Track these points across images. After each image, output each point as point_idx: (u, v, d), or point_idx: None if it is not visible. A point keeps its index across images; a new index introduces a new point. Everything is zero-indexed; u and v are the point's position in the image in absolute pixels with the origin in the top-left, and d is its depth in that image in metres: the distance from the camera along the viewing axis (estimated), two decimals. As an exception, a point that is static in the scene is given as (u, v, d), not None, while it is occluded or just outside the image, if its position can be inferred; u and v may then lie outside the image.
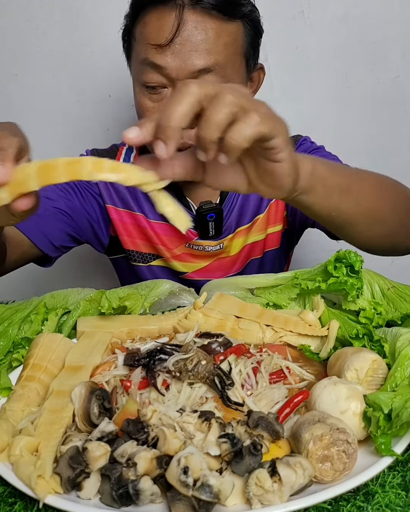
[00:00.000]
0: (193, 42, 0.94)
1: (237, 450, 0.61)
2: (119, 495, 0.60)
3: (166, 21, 0.94)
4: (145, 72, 0.99)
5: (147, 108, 1.02)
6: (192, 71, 0.96)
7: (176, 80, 0.97)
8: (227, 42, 0.97)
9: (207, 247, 1.23)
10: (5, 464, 0.66)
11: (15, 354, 0.88)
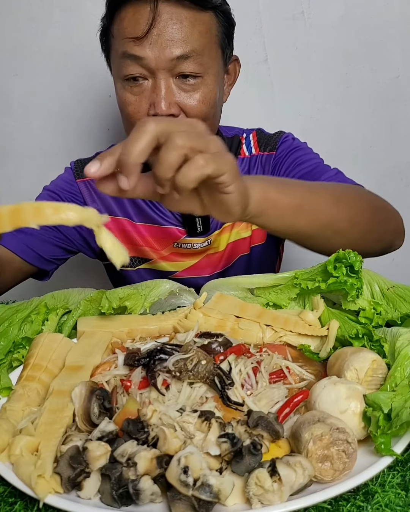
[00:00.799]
0: (169, 32, 0.97)
1: (236, 450, 0.61)
2: (120, 494, 0.60)
3: (141, 15, 0.97)
4: (125, 65, 1.01)
5: (130, 102, 1.03)
6: (170, 58, 0.98)
7: (155, 70, 0.99)
8: (202, 30, 1.00)
9: (195, 245, 1.24)
10: (5, 464, 0.66)
11: (15, 354, 0.88)
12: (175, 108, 1.01)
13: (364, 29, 1.60)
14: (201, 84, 1.02)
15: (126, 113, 1.05)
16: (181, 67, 0.99)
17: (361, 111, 1.69)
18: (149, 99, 1.01)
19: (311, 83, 1.64)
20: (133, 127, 1.04)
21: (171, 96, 1.00)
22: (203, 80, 1.02)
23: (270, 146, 1.25)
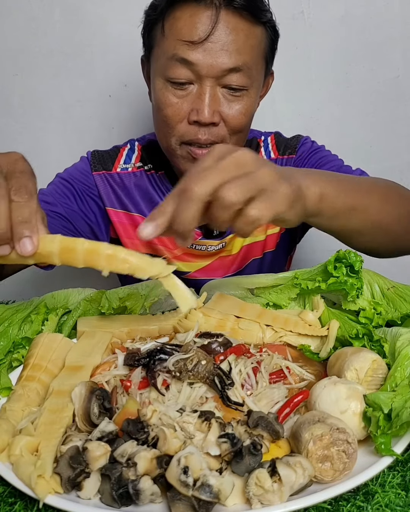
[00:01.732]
0: (225, 41, 0.96)
1: (236, 450, 0.61)
2: (119, 495, 0.60)
3: (199, 18, 0.95)
4: (173, 67, 0.99)
5: (170, 104, 1.01)
6: (222, 69, 0.97)
7: (204, 77, 0.98)
8: (254, 44, 1.00)
9: (209, 247, 1.23)
10: (5, 464, 0.66)
11: (15, 354, 0.88)
12: (218, 116, 1.00)
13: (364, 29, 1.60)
14: (246, 96, 1.02)
15: (164, 114, 1.03)
16: (230, 79, 0.98)
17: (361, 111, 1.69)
18: (192, 104, 1.00)
19: (311, 83, 1.64)
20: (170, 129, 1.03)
21: (215, 104, 1.00)
22: (248, 92, 1.02)
23: (289, 149, 1.25)
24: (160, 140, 1.11)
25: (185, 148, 1.05)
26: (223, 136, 1.03)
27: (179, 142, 1.05)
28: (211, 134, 1.01)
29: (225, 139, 1.04)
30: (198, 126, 1.01)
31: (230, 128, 1.03)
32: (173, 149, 1.07)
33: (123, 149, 1.28)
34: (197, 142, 1.03)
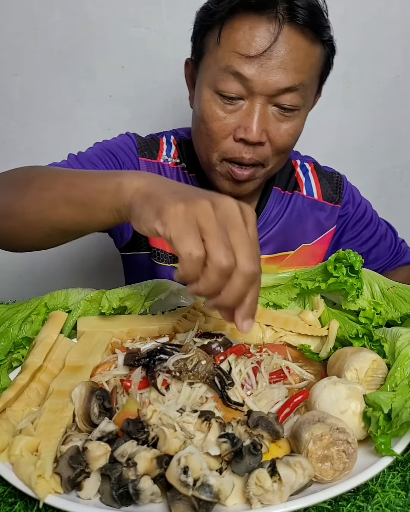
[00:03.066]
0: (284, 58, 0.91)
1: (236, 450, 0.61)
2: (119, 495, 0.60)
3: (259, 32, 0.90)
4: (225, 80, 0.94)
5: (217, 118, 0.96)
6: (277, 88, 0.92)
7: (257, 94, 0.93)
8: (312, 63, 0.96)
9: None
10: (5, 464, 0.66)
11: (15, 354, 0.88)
12: (265, 136, 0.96)
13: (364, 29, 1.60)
14: (296, 117, 0.98)
15: (210, 127, 0.98)
16: (283, 98, 0.94)
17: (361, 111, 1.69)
18: (240, 121, 0.95)
19: (311, 83, 1.64)
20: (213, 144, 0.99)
21: (264, 123, 0.95)
22: (299, 112, 0.98)
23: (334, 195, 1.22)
24: (200, 152, 1.07)
25: (226, 165, 1.01)
26: (267, 156, 1.00)
27: (221, 158, 1.01)
28: (256, 154, 0.98)
29: (268, 159, 1.01)
30: (244, 144, 0.97)
31: (275, 148, 0.99)
32: (213, 164, 1.03)
33: (161, 140, 1.22)
34: (240, 161, 0.99)
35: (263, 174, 1.04)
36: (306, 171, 1.24)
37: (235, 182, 1.03)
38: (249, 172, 1.00)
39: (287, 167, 1.21)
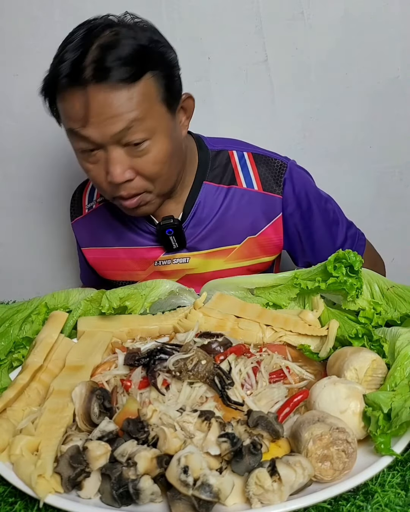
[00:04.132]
0: (104, 113, 0.98)
1: (236, 450, 0.61)
2: (120, 494, 0.60)
3: (74, 101, 0.98)
4: (75, 140, 1.04)
5: (89, 169, 1.07)
6: (113, 134, 0.99)
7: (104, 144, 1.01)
8: (139, 100, 0.99)
9: (175, 260, 1.23)
10: (5, 464, 0.66)
11: (16, 354, 0.88)
12: (130, 173, 1.03)
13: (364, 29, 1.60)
14: (151, 146, 1.03)
15: (89, 176, 1.09)
16: (127, 138, 1.00)
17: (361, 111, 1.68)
18: (105, 168, 1.04)
19: (311, 83, 1.63)
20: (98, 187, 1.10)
21: (124, 164, 1.02)
22: (152, 141, 1.03)
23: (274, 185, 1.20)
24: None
25: (117, 200, 1.10)
26: (143, 186, 1.06)
27: (110, 197, 1.10)
28: (131, 189, 1.05)
29: (148, 187, 1.07)
30: (115, 185, 1.05)
31: (147, 178, 1.06)
32: (112, 201, 1.13)
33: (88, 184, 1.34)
34: (122, 197, 1.07)
35: (155, 197, 1.11)
36: (244, 163, 1.22)
37: (131, 209, 1.11)
38: (135, 201, 1.08)
39: (221, 159, 1.22)
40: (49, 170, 1.72)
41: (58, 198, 1.72)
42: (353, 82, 1.64)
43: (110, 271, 1.30)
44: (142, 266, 1.26)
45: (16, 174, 1.73)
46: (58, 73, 0.99)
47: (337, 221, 1.25)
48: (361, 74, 1.64)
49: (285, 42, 1.58)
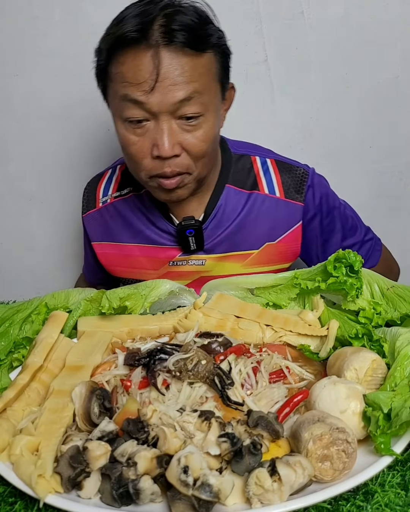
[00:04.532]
0: (171, 77, 0.97)
1: (236, 450, 0.61)
2: (120, 494, 0.60)
3: (141, 61, 0.97)
4: (126, 108, 1.01)
5: (133, 143, 1.04)
6: (173, 103, 0.98)
7: (158, 113, 0.99)
8: (202, 72, 1.00)
9: (190, 261, 1.23)
10: (5, 464, 0.66)
11: (16, 354, 0.88)
12: (178, 148, 1.02)
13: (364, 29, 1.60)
14: (203, 123, 1.03)
15: (129, 152, 1.06)
16: (183, 110, 0.99)
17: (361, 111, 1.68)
18: (153, 140, 1.02)
19: (311, 83, 1.63)
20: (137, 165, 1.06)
21: (174, 137, 1.01)
22: (205, 118, 1.03)
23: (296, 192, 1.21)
24: (132, 173, 1.15)
25: (155, 180, 1.08)
26: (188, 164, 1.05)
27: (149, 176, 1.08)
28: (176, 166, 1.04)
29: (190, 168, 1.06)
30: (161, 160, 1.03)
31: (193, 156, 1.05)
32: (145, 182, 1.10)
33: (103, 177, 1.32)
34: (164, 175, 1.05)
35: (193, 180, 1.10)
36: (267, 169, 1.24)
37: (167, 191, 1.09)
38: (175, 181, 1.06)
39: (244, 164, 1.23)
40: (49, 170, 1.72)
41: (58, 198, 1.72)
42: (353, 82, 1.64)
43: (120, 267, 1.30)
44: (156, 265, 1.26)
45: (16, 174, 1.73)
46: (124, 32, 0.96)
47: (355, 227, 1.26)
48: (361, 74, 1.64)
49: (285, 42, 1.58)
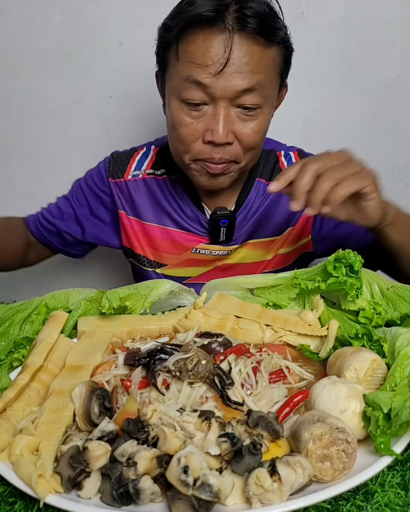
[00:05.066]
0: (238, 64, 0.96)
1: (236, 450, 0.61)
2: (120, 494, 0.60)
3: (212, 43, 0.95)
4: (187, 89, 1.00)
5: (186, 124, 1.03)
6: (236, 90, 0.98)
7: (219, 98, 0.99)
8: (268, 64, 1.00)
9: (214, 251, 1.24)
10: (5, 464, 0.66)
11: (16, 354, 0.88)
12: (232, 136, 1.02)
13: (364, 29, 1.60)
14: (259, 115, 1.03)
15: (179, 133, 1.04)
16: (244, 99, 0.99)
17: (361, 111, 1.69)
18: (207, 125, 1.01)
19: (311, 83, 1.64)
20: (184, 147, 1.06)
21: (229, 125, 1.01)
22: (261, 110, 1.03)
23: None
24: (174, 155, 1.13)
25: (200, 163, 1.07)
26: (237, 154, 1.05)
27: (194, 159, 1.07)
28: (225, 153, 1.03)
29: (239, 157, 1.06)
30: (212, 146, 1.02)
31: (244, 146, 1.04)
32: (187, 164, 1.09)
33: (138, 152, 1.29)
34: (211, 161, 1.05)
35: (237, 169, 1.09)
36: (290, 159, 1.26)
37: (210, 176, 1.08)
38: (222, 166, 1.06)
39: (271, 159, 1.25)
40: (49, 170, 1.72)
41: (58, 198, 1.72)
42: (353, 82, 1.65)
43: (140, 244, 1.29)
44: (177, 250, 1.26)
45: (16, 174, 1.73)
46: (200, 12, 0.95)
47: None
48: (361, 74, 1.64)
49: (285, 42, 1.58)
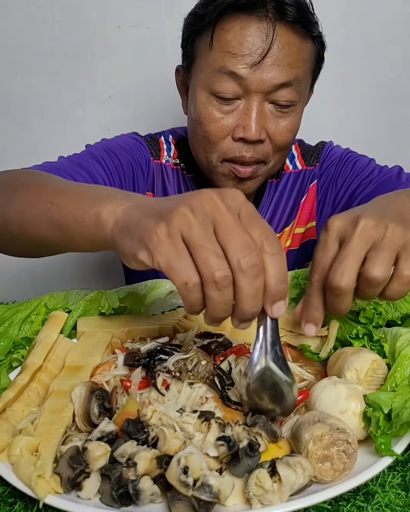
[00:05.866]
0: (277, 56, 0.91)
1: (233, 453, 0.61)
2: (119, 495, 0.60)
3: (250, 32, 0.90)
4: (220, 81, 0.94)
5: (214, 119, 0.96)
6: (273, 84, 0.93)
7: (253, 92, 0.93)
8: (306, 59, 0.96)
9: None
10: (5, 464, 0.66)
11: (15, 354, 0.88)
12: (264, 133, 0.97)
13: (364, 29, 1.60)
14: (293, 112, 0.98)
15: (207, 129, 0.98)
16: (279, 94, 0.94)
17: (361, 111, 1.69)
18: (238, 120, 0.95)
19: (311, 83, 1.64)
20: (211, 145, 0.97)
21: (263, 121, 0.95)
22: (295, 108, 0.99)
23: (314, 159, 1.22)
24: (199, 155, 1.06)
25: (227, 165, 1.01)
26: (267, 153, 1.00)
27: (221, 159, 1.01)
28: (256, 152, 0.98)
29: (269, 156, 1.01)
30: (243, 143, 0.97)
31: (275, 145, 1.00)
32: (214, 166, 1.03)
33: (160, 140, 1.21)
34: (241, 160, 0.99)
35: (265, 172, 1.05)
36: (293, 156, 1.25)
37: (238, 180, 1.03)
38: (251, 169, 1.00)
39: None
40: (49, 170, 1.72)
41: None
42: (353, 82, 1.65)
43: None
44: None
45: (16, 174, 1.73)
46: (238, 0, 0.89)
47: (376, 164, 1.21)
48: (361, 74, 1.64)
49: (285, 42, 1.58)
